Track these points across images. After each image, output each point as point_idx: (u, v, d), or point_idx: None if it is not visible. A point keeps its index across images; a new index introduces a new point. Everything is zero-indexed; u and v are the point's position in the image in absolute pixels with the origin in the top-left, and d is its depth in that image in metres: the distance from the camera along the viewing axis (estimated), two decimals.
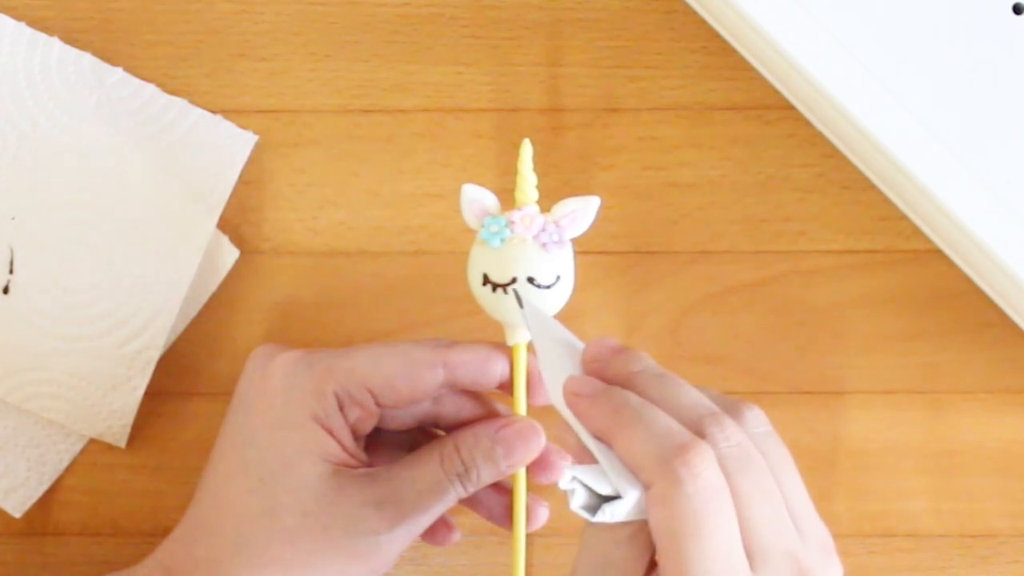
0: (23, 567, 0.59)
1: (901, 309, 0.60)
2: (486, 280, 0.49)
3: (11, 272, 0.59)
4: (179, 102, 0.60)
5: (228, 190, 0.60)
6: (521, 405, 0.50)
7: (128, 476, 0.59)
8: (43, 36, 0.60)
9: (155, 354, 0.59)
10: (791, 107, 0.60)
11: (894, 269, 0.60)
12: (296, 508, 0.47)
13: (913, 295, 0.60)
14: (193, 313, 0.60)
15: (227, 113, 0.60)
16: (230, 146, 0.60)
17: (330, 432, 0.48)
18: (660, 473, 0.41)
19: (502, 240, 0.49)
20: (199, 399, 0.60)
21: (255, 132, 0.60)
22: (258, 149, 0.60)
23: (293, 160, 0.60)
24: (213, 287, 0.60)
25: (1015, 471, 0.59)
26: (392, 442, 0.53)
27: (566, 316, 0.59)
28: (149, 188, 0.59)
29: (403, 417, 0.52)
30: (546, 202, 0.61)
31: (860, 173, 0.59)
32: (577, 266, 0.51)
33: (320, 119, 0.61)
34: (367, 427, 0.50)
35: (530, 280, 0.49)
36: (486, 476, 0.49)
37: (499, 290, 0.49)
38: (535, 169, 0.51)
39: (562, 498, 0.58)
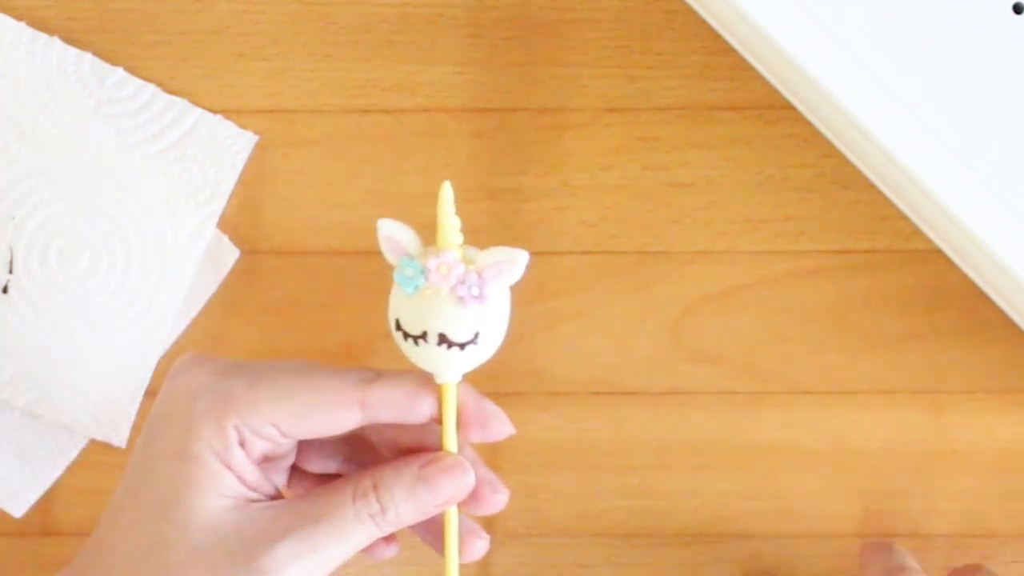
0: (23, 567, 0.59)
1: (901, 309, 0.60)
2: (398, 324, 0.45)
3: (11, 272, 0.59)
4: (179, 102, 0.60)
5: (228, 190, 0.60)
6: (450, 443, 0.47)
7: None
8: (43, 36, 0.60)
9: (155, 354, 0.59)
10: (791, 107, 0.60)
11: (894, 269, 0.60)
12: (183, 544, 0.44)
13: (913, 295, 0.60)
14: (193, 313, 0.60)
15: (227, 113, 0.60)
16: (230, 146, 0.60)
17: (228, 466, 0.45)
18: None
19: (415, 287, 0.45)
20: None
21: (255, 132, 0.60)
22: (258, 149, 0.60)
23: (293, 160, 0.60)
24: (213, 287, 0.60)
25: (1015, 471, 0.59)
26: (329, 452, 0.51)
27: (563, 321, 0.59)
28: (149, 188, 0.59)
29: (324, 445, 0.50)
30: (548, 198, 0.61)
31: (860, 173, 0.59)
32: (513, 313, 0.47)
33: (320, 119, 0.61)
34: (281, 453, 0.48)
35: (442, 337, 0.44)
36: (408, 516, 0.46)
37: (410, 339, 0.45)
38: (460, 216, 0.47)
39: (551, 499, 0.59)
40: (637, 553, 0.59)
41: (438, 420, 0.47)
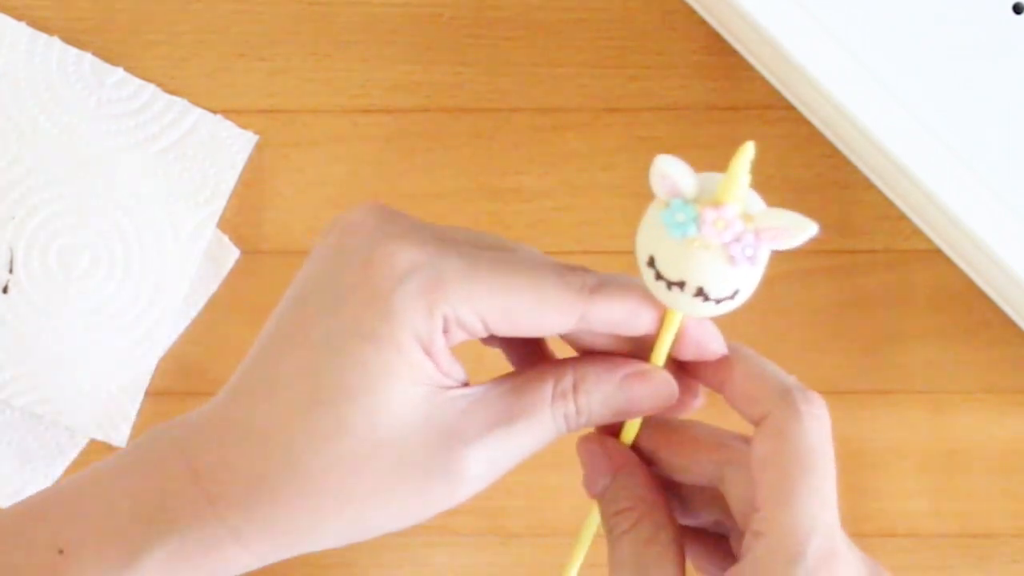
0: None
1: (901, 309, 0.60)
2: (652, 262, 0.40)
3: (11, 272, 0.59)
4: (179, 102, 0.60)
5: (228, 190, 0.60)
6: (660, 361, 0.43)
7: None
8: (43, 36, 0.60)
9: (155, 354, 0.59)
10: (791, 107, 0.60)
11: (894, 269, 0.60)
12: (368, 434, 0.39)
13: (913, 295, 0.60)
14: (193, 313, 0.60)
15: (227, 113, 0.60)
16: (230, 146, 0.60)
17: (428, 354, 0.40)
18: (779, 404, 0.40)
19: (683, 235, 0.39)
20: (199, 399, 0.59)
21: (255, 132, 0.60)
22: (258, 149, 0.60)
23: (293, 160, 0.60)
24: (213, 287, 0.60)
25: (1015, 471, 0.59)
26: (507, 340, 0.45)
27: None
28: (149, 188, 0.59)
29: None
30: (548, 198, 0.61)
31: (860, 173, 0.59)
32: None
33: (320, 119, 0.61)
34: (471, 341, 0.43)
35: (700, 290, 0.40)
36: (596, 420, 0.42)
37: (662, 281, 0.40)
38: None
39: (551, 499, 0.58)
40: None
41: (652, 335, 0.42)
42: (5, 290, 0.59)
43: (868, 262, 0.60)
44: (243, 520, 0.39)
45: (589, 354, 0.43)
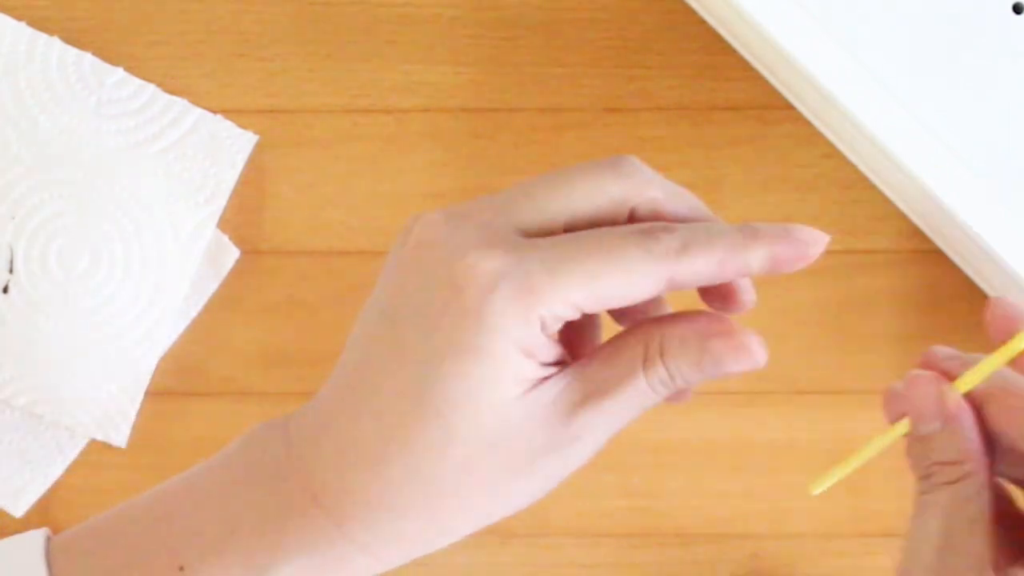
0: None
1: (901, 309, 0.60)
2: None
3: (11, 272, 0.59)
4: (179, 102, 0.60)
5: (228, 190, 0.60)
6: (976, 378, 0.42)
7: (128, 476, 0.59)
8: (43, 36, 0.60)
9: (155, 354, 0.59)
10: (791, 107, 0.60)
11: (894, 269, 0.60)
12: (477, 438, 0.41)
13: (913, 295, 0.60)
14: (193, 313, 0.60)
15: (227, 113, 0.60)
16: (230, 146, 0.60)
17: (528, 354, 0.41)
18: None
19: None
20: (199, 399, 0.60)
21: (255, 132, 0.60)
22: (258, 149, 0.60)
23: (293, 160, 0.60)
24: (213, 287, 0.60)
25: None
26: None
27: None
28: (149, 188, 0.59)
29: None
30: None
31: (860, 173, 0.59)
32: None
33: (320, 119, 0.61)
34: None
35: None
36: (691, 382, 0.42)
37: None
38: None
39: (551, 499, 0.58)
40: (637, 553, 0.59)
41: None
42: (5, 290, 0.59)
43: (868, 262, 0.60)
44: (371, 537, 0.41)
45: (675, 315, 0.43)
